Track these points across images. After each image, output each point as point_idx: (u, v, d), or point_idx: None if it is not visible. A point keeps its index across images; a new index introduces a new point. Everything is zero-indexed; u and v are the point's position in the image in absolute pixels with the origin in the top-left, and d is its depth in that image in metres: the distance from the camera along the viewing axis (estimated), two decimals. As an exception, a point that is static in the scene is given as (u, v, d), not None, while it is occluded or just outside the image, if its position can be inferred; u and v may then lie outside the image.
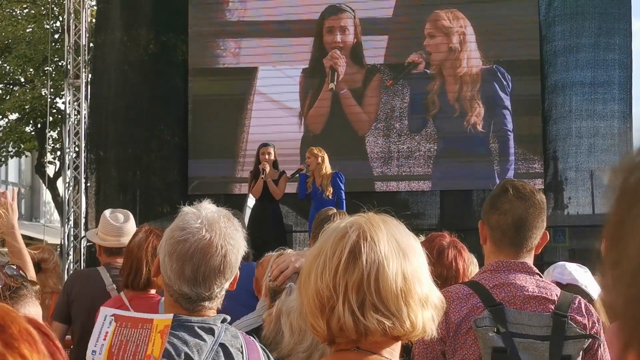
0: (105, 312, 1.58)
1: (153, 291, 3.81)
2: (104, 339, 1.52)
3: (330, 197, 8.34)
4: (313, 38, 11.07)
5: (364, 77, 10.96)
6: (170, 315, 1.67)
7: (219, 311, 2.04)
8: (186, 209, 2.02)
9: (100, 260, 4.55)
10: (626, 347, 0.47)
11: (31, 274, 2.84)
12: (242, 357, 1.98)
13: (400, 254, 1.49)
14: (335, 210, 5.25)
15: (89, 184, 11.02)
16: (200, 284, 1.90)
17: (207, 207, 2.04)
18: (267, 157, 8.48)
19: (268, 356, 2.08)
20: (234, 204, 9.46)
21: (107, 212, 4.63)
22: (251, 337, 2.08)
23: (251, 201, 9.44)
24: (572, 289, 3.09)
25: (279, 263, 2.50)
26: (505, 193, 2.52)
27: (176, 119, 11.15)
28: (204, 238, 1.92)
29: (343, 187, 8.56)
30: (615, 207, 0.48)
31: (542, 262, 6.82)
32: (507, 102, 10.57)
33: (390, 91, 10.89)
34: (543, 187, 10.24)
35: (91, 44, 11.45)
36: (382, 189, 10.60)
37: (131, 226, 4.50)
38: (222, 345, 1.97)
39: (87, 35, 11.30)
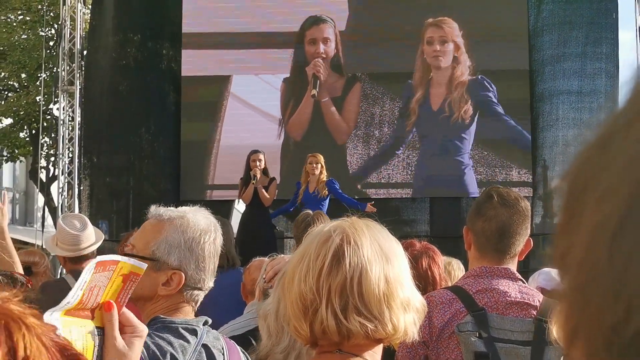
0: (91, 261, 1.50)
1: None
2: (81, 289, 1.40)
3: (325, 196, 8.46)
4: (293, 49, 11.11)
5: (343, 86, 11.01)
6: (144, 265, 1.60)
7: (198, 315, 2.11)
8: (190, 214, 2.07)
9: (66, 269, 4.39)
10: (572, 338, 0.48)
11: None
12: (224, 358, 2.01)
13: (383, 257, 1.50)
14: (312, 214, 5.28)
15: (82, 190, 11.03)
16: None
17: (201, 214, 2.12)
18: (257, 163, 8.50)
19: (248, 358, 2.11)
20: (218, 210, 9.46)
21: (61, 220, 4.38)
22: (232, 341, 2.10)
23: (240, 207, 9.45)
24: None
25: (273, 265, 2.51)
26: (490, 200, 2.53)
27: (169, 126, 11.15)
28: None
29: (340, 189, 8.66)
30: (564, 204, 0.50)
31: (529, 269, 6.84)
32: (496, 110, 10.64)
33: (370, 99, 10.94)
34: (532, 195, 10.30)
35: (85, 51, 11.47)
36: (363, 195, 10.51)
37: (89, 232, 4.30)
38: (205, 346, 1.99)
39: (81, 42, 11.34)
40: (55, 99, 11.69)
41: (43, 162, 20.00)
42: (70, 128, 11.12)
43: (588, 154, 0.50)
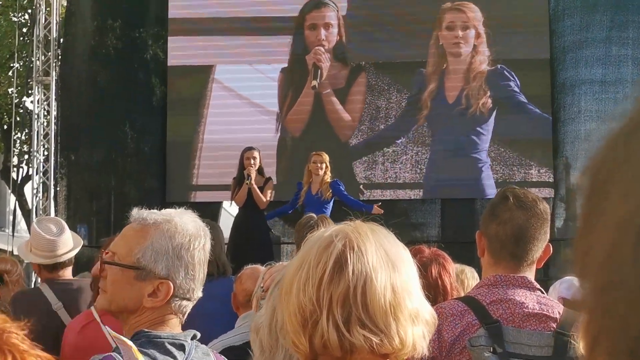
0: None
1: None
2: None
3: (329, 198, 8.48)
4: (292, 36, 11.12)
5: (347, 76, 11.03)
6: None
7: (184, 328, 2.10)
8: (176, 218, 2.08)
9: (41, 277, 4.36)
10: (593, 348, 0.48)
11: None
12: (214, 376, 2.02)
13: (390, 265, 1.50)
14: (316, 217, 5.28)
15: (58, 190, 11.04)
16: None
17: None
18: (252, 161, 8.49)
19: None
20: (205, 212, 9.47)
21: (36, 223, 4.37)
22: (222, 356, 2.11)
23: (233, 209, 9.45)
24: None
25: (272, 273, 2.52)
26: (505, 201, 2.53)
27: (154, 120, 11.15)
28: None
29: (345, 191, 8.68)
30: (585, 199, 0.51)
31: (549, 278, 6.84)
32: (519, 100, 10.61)
33: (376, 91, 10.96)
34: (553, 196, 10.30)
35: (61, 39, 11.47)
36: (367, 196, 10.52)
37: (67, 237, 4.29)
38: None
39: (58, 28, 11.34)
40: (29, 91, 11.71)
41: (15, 161, 19.99)
42: (45, 123, 11.12)
43: (611, 146, 0.50)
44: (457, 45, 10.81)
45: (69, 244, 4.34)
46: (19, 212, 15.43)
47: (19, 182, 19.83)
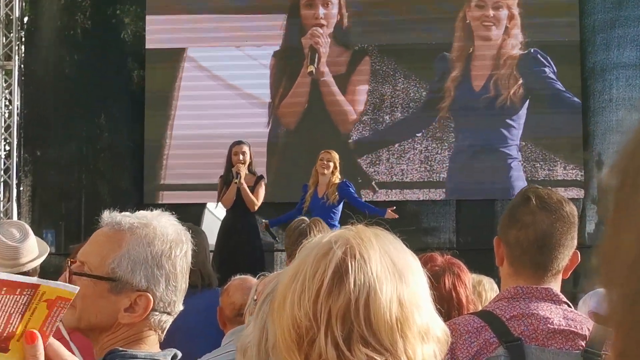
0: None
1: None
2: None
3: (335, 202, 8.47)
4: (286, 15, 11.09)
5: (349, 61, 11.00)
6: (75, 289, 1.60)
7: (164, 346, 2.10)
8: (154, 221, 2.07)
9: None
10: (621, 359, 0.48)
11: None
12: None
13: (396, 275, 1.50)
14: (308, 221, 5.27)
15: (22, 190, 11.02)
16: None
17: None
18: (241, 157, 8.46)
19: None
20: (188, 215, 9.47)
21: None
22: None
23: (220, 212, 9.44)
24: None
25: (265, 283, 2.51)
26: (526, 203, 2.52)
27: (131, 111, 11.13)
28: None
29: (355, 193, 8.67)
30: (614, 196, 0.51)
31: (578, 290, 6.83)
32: (555, 87, 10.55)
33: (380, 76, 10.94)
34: (583, 197, 10.31)
35: (25, 18, 11.45)
36: (368, 197, 10.41)
37: (31, 243, 4.26)
38: None
39: (21, 6, 11.30)
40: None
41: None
42: (7, 114, 11.11)
43: None
44: (487, 27, 10.79)
45: (34, 251, 4.33)
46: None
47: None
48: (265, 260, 8.89)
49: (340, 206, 8.55)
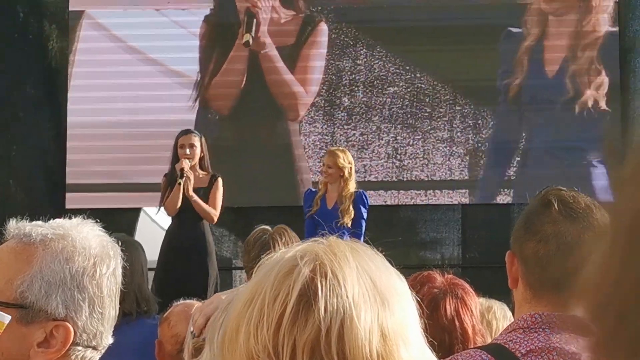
0: None
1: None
2: None
3: (349, 224, 8.38)
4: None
5: (299, 29, 10.91)
6: (6, 318, 1.61)
7: None
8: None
9: None
10: None
11: None
12: None
13: (378, 299, 1.49)
14: (272, 230, 5.19)
15: None
16: None
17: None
18: (187, 151, 8.41)
19: None
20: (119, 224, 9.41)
21: None
22: None
23: (165, 220, 9.38)
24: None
25: (204, 309, 2.51)
26: (547, 209, 2.52)
27: (50, 91, 11.07)
28: None
29: (366, 214, 8.63)
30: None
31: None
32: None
33: (337, 48, 10.81)
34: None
35: None
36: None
37: None
38: None
39: None
40: None
41: None
42: None
43: None
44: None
45: None
46: None
47: None
48: (218, 280, 8.80)
49: (363, 221, 8.50)
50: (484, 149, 10.58)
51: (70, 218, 2.13)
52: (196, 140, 8.39)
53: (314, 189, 8.69)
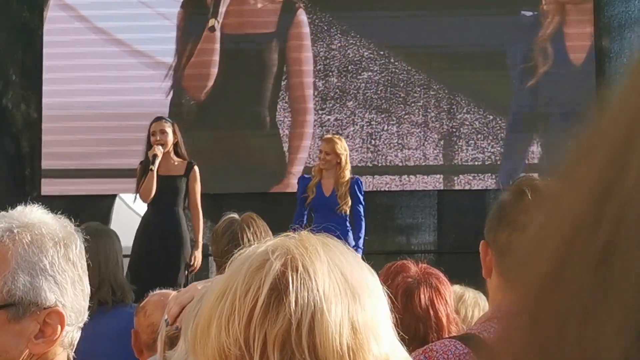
0: None
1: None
2: None
3: (346, 212, 8.42)
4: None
5: (279, 16, 10.92)
6: None
7: None
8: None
9: None
10: None
11: None
12: None
13: (348, 293, 1.50)
14: (239, 219, 5.05)
15: None
16: None
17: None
18: (159, 137, 8.39)
19: None
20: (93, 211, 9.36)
21: None
22: None
23: (141, 207, 9.36)
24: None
25: (179, 297, 2.51)
26: (520, 199, 2.52)
27: (24, 71, 11.02)
28: None
29: (362, 200, 8.67)
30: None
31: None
32: None
33: (312, 34, 10.87)
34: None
35: None
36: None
37: None
38: None
39: None
40: None
41: None
42: None
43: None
44: None
45: None
46: None
47: None
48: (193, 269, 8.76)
49: (361, 206, 8.56)
50: (459, 134, 10.55)
51: (42, 205, 2.14)
52: (167, 127, 8.37)
53: (307, 176, 8.64)
